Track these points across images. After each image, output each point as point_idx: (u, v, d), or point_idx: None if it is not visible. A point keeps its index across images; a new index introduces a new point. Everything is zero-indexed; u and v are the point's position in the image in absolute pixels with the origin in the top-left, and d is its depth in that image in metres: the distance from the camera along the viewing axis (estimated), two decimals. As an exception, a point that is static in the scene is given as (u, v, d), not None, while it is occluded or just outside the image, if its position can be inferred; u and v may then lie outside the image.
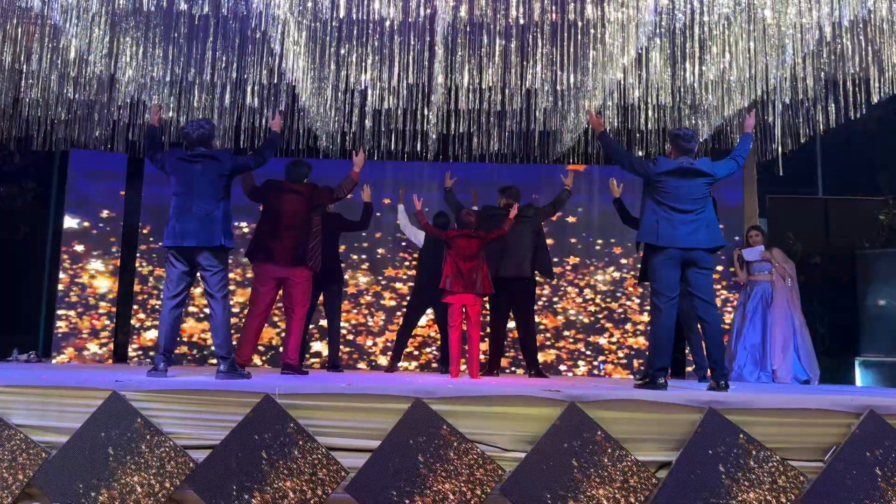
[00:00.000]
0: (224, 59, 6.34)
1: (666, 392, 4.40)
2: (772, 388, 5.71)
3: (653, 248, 4.97)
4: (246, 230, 7.89)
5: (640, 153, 7.64)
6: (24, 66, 6.38)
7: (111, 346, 8.06)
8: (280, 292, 5.81)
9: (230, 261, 6.12)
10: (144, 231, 8.22)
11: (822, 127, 6.63)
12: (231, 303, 6.09)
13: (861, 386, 7.12)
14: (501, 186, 6.87)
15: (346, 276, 7.82)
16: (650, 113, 6.93)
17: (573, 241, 8.27)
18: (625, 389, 4.76)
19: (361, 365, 8.12)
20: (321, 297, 6.76)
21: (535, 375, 6.62)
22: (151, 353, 7.88)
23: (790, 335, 7.03)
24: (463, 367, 6.26)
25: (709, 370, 5.15)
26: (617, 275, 8.22)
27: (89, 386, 3.83)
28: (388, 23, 5.55)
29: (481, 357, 6.50)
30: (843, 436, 3.68)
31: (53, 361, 7.72)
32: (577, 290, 8.21)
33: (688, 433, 3.69)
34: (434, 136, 7.35)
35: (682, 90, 6.57)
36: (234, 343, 5.40)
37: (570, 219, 8.29)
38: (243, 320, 5.95)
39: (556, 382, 5.46)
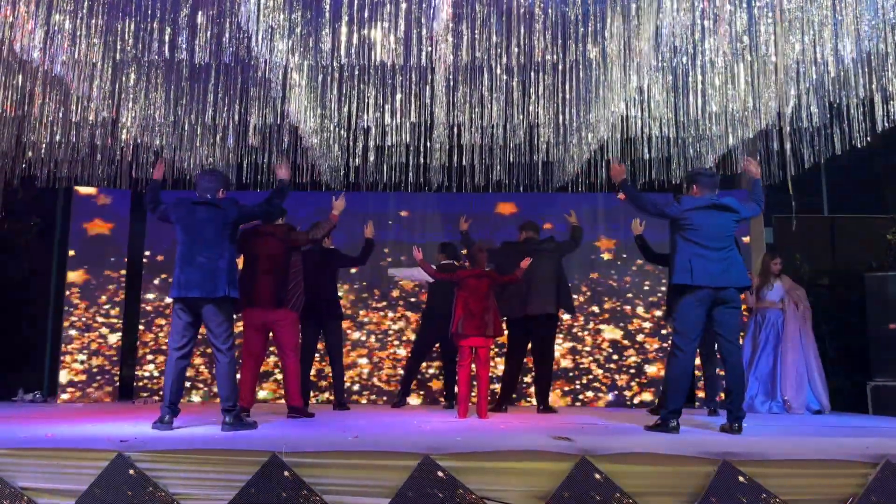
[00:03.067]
0: (226, 100, 6.34)
1: (679, 439, 4.34)
2: (785, 425, 5.64)
3: (684, 288, 4.88)
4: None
5: (642, 181, 7.63)
6: (27, 111, 6.38)
7: (116, 381, 8.01)
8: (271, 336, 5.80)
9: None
10: (147, 259, 8.19)
11: (826, 154, 6.59)
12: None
13: (874, 415, 7.02)
14: (522, 223, 6.88)
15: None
16: (654, 143, 6.90)
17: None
18: (637, 433, 4.72)
19: (373, 397, 8.07)
20: (321, 335, 6.74)
21: (543, 411, 6.57)
22: (157, 389, 7.86)
23: (803, 367, 6.93)
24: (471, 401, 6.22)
25: (722, 396, 5.06)
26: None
27: (94, 447, 3.80)
28: (389, 64, 5.54)
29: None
30: (860, 486, 3.61)
31: (59, 401, 7.67)
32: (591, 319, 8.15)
33: (702, 486, 3.63)
34: (437, 169, 7.35)
35: (685, 122, 6.54)
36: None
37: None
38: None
39: (566, 424, 5.40)
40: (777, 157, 7.10)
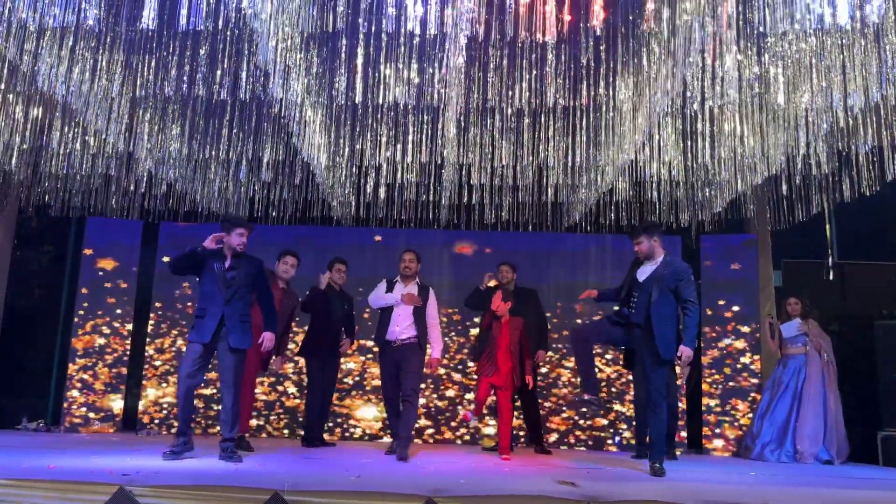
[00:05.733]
0: (240, 135, 6.44)
1: (682, 487, 4.28)
2: (793, 475, 5.55)
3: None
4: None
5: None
6: (44, 141, 6.49)
7: (121, 411, 7.97)
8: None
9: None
10: (155, 291, 8.22)
11: (835, 201, 6.61)
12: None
13: (884, 467, 6.89)
14: (504, 262, 6.84)
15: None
16: (663, 186, 6.94)
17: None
18: (642, 479, 4.67)
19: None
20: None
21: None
22: (156, 422, 7.84)
23: (821, 418, 6.78)
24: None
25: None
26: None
27: (96, 480, 3.78)
28: (402, 105, 5.62)
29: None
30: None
31: (62, 429, 7.65)
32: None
33: (707, 536, 3.58)
34: (446, 206, 7.41)
35: (693, 166, 6.57)
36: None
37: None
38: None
39: (570, 468, 5.34)
40: (786, 201, 7.13)
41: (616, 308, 5.37)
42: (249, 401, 6.19)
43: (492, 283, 6.34)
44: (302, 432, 6.93)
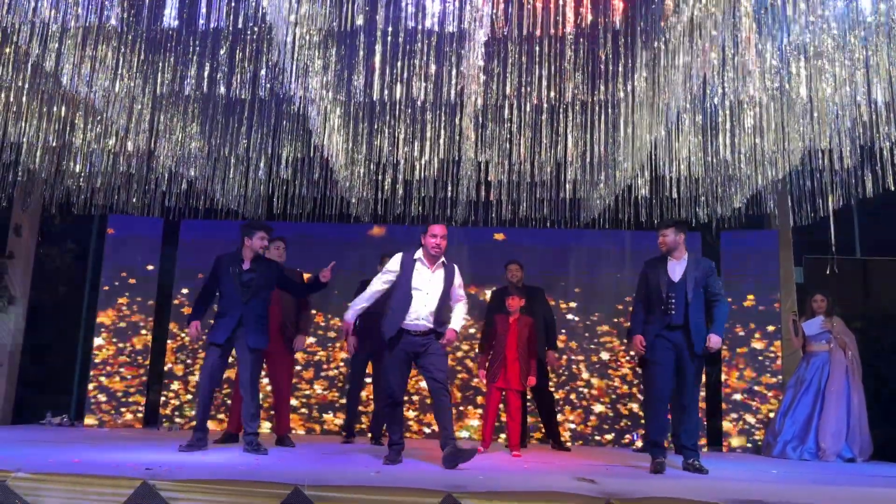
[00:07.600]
0: (260, 133, 6.48)
1: (704, 484, 4.26)
2: (816, 472, 5.50)
3: None
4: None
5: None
6: (67, 140, 6.57)
7: (143, 406, 8.06)
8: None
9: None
10: (182, 289, 8.31)
11: (858, 196, 6.52)
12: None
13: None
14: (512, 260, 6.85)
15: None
16: (682, 182, 6.88)
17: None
18: (662, 477, 4.65)
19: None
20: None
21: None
22: (178, 420, 7.92)
23: (844, 415, 6.70)
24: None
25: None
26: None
27: (120, 475, 3.82)
28: (419, 101, 5.63)
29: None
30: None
31: (85, 424, 7.76)
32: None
33: (729, 534, 3.54)
34: (464, 203, 7.41)
35: (713, 162, 6.51)
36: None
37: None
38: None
39: (590, 465, 5.32)
40: (808, 197, 7.04)
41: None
42: (287, 400, 6.35)
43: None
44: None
